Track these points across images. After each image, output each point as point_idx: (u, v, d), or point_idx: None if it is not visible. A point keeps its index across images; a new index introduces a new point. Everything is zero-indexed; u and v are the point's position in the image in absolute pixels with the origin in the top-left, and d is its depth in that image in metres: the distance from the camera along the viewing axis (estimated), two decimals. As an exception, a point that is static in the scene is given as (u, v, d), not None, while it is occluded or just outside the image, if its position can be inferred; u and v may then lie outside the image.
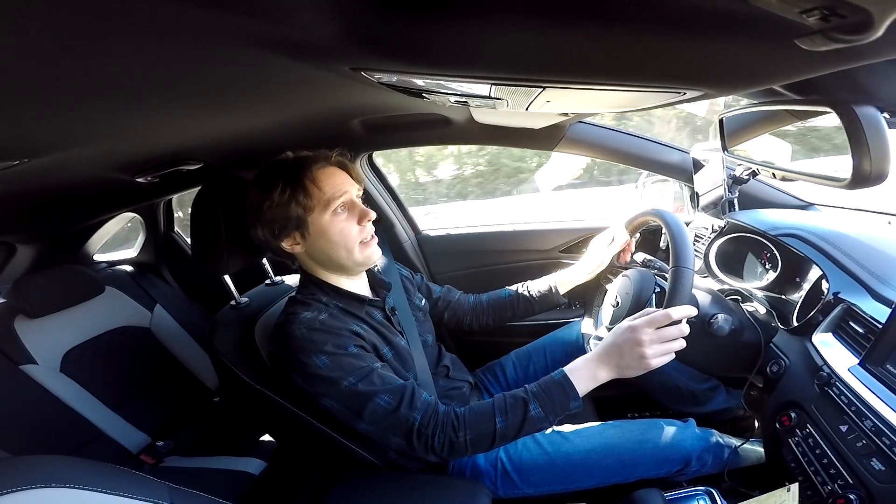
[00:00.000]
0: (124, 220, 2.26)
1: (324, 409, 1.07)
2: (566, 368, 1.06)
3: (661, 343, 0.99)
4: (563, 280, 1.50)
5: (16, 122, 0.75)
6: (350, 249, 1.16)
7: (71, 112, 0.77)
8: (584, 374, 1.04)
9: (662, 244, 1.74)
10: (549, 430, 1.25)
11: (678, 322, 1.00)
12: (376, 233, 1.20)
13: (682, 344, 1.01)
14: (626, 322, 1.04)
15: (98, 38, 0.50)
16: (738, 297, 1.38)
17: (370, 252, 1.19)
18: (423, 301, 1.46)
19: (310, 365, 1.04)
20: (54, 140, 0.90)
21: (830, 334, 1.04)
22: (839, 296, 1.05)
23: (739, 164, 1.46)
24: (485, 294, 1.59)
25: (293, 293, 1.24)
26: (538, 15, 0.52)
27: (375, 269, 1.33)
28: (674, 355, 1.01)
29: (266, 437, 1.84)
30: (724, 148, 1.39)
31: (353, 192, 1.17)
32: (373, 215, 1.18)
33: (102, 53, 0.54)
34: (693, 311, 1.02)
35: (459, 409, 1.06)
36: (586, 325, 1.49)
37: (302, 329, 1.07)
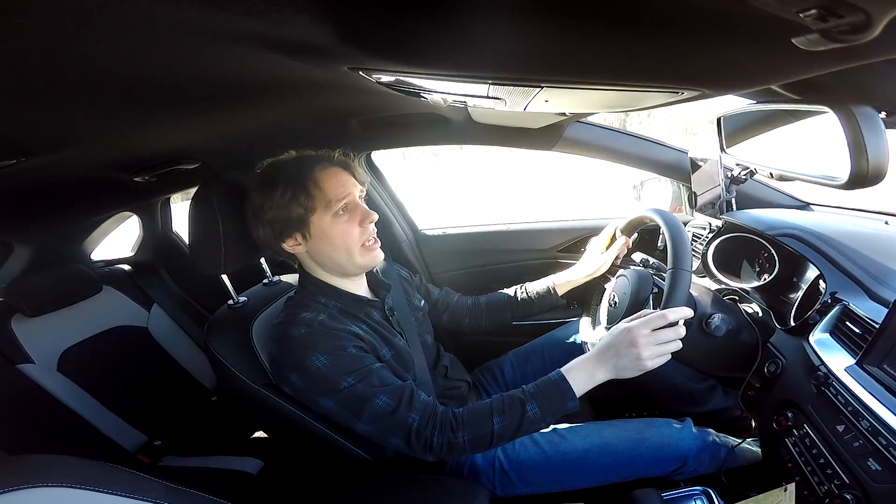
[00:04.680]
0: (122, 219, 2.25)
1: (323, 409, 1.07)
2: (563, 369, 1.06)
3: (658, 344, 1.00)
4: (562, 281, 1.50)
5: (12, 122, 0.75)
6: (351, 252, 1.15)
7: (68, 111, 0.77)
8: (582, 375, 1.04)
9: (660, 244, 1.74)
10: (546, 430, 1.25)
11: (675, 323, 1.01)
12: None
13: (678, 345, 1.01)
14: (623, 323, 1.04)
15: (95, 37, 0.50)
16: (736, 297, 1.38)
17: (372, 255, 1.19)
18: (422, 302, 1.46)
19: (309, 366, 1.04)
20: (51, 139, 0.90)
21: (827, 334, 1.04)
22: (836, 296, 1.05)
23: (737, 164, 1.47)
24: (483, 296, 1.59)
25: (292, 293, 1.24)
26: (536, 15, 0.52)
27: (375, 269, 1.33)
28: (670, 356, 1.01)
29: (263, 437, 1.83)
30: (722, 148, 1.39)
31: (356, 193, 1.17)
32: (375, 217, 1.17)
33: (99, 52, 0.54)
34: (689, 313, 1.02)
35: (457, 410, 1.07)
36: (584, 326, 1.49)
37: (301, 330, 1.07)
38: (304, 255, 1.19)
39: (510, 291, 1.57)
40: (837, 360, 0.96)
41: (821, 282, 1.12)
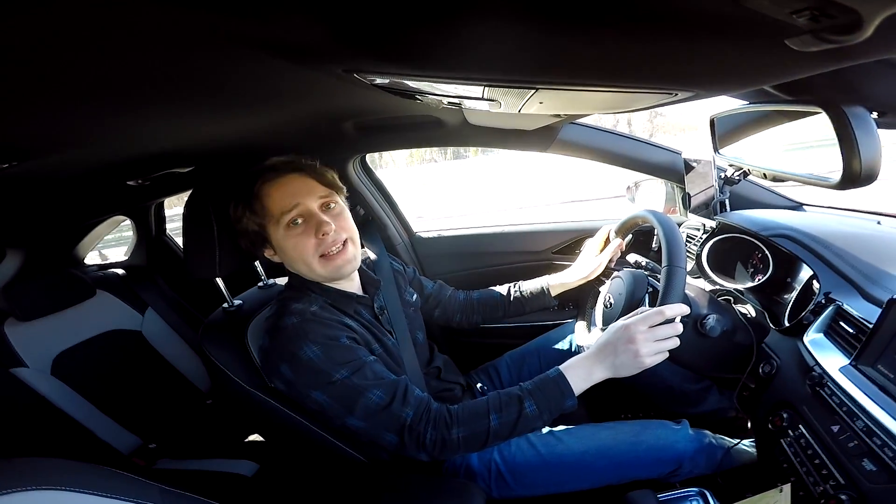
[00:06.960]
0: (116, 223, 2.25)
1: (314, 404, 1.05)
2: (561, 367, 1.06)
3: (655, 341, 0.99)
4: (556, 283, 1.51)
5: (5, 125, 0.74)
6: (308, 263, 1.13)
7: (62, 115, 0.76)
8: (580, 373, 1.04)
9: (654, 245, 1.75)
10: (542, 431, 1.25)
11: (672, 320, 1.01)
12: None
13: (675, 342, 1.01)
14: (621, 321, 1.04)
15: (87, 39, 0.49)
16: (730, 298, 1.39)
17: (335, 266, 1.14)
18: (415, 296, 1.46)
19: (301, 356, 1.02)
20: (45, 143, 0.89)
21: (822, 334, 1.04)
22: (830, 296, 1.06)
23: (730, 165, 1.47)
24: (476, 291, 1.60)
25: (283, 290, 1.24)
26: (530, 17, 0.52)
27: (368, 261, 1.33)
28: (668, 354, 1.01)
29: (258, 439, 1.83)
30: (716, 149, 1.39)
31: (312, 201, 1.12)
32: (331, 227, 1.11)
33: (92, 55, 0.54)
34: (686, 310, 1.03)
35: (453, 407, 1.06)
36: (579, 327, 1.49)
37: (293, 319, 1.06)
38: (285, 262, 1.19)
39: (503, 289, 1.57)
40: (832, 361, 0.96)
41: (814, 282, 1.12)
